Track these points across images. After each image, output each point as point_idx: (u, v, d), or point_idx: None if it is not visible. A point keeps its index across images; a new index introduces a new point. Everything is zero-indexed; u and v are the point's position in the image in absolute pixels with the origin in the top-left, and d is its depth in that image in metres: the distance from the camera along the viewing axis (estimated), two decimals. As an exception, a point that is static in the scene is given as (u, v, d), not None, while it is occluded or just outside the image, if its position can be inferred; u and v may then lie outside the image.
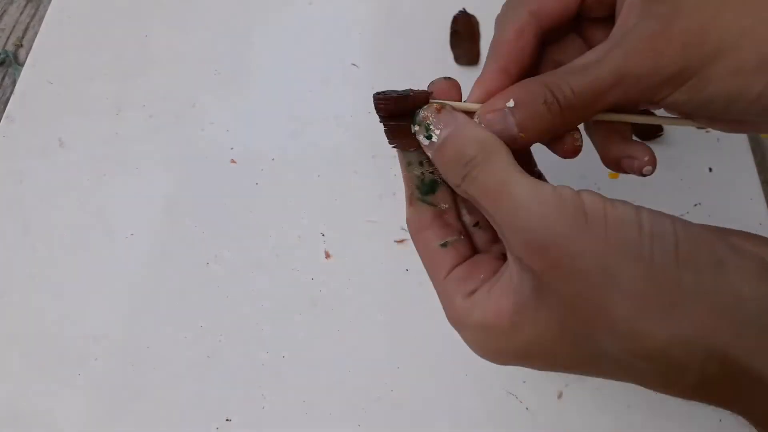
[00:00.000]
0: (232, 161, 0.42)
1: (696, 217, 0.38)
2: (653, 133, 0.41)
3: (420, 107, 0.24)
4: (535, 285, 0.20)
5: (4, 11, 0.50)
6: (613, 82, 0.22)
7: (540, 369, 0.22)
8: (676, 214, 0.39)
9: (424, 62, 0.45)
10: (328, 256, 0.39)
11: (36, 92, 0.45)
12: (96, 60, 0.46)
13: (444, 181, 0.25)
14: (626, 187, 0.40)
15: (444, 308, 0.23)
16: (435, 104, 0.23)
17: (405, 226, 0.39)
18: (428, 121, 0.23)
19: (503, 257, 0.24)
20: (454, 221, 0.25)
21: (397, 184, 0.40)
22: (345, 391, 0.35)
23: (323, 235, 0.39)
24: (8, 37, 0.49)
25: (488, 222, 0.24)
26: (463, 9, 0.46)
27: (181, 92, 0.44)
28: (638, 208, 0.20)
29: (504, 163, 0.21)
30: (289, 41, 0.46)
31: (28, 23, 0.50)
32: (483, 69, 0.25)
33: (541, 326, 0.20)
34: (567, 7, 0.24)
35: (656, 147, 0.41)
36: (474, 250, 0.25)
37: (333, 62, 0.45)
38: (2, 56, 0.48)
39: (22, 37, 0.49)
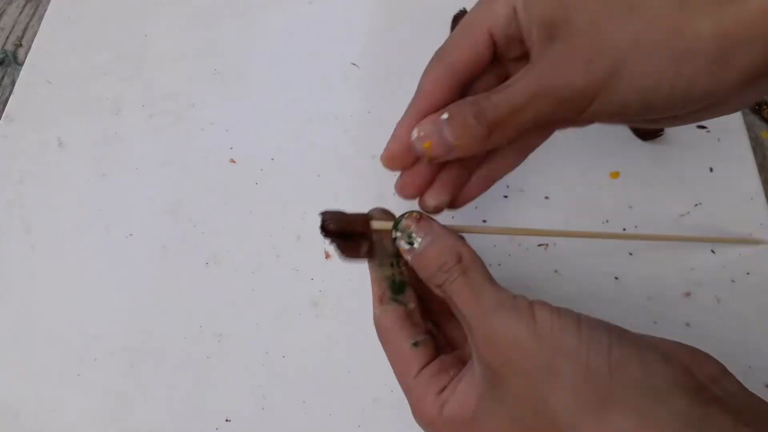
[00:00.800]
0: (232, 161, 0.42)
1: (697, 217, 0.39)
2: (653, 133, 0.41)
3: (358, 229, 0.27)
4: (493, 380, 0.22)
5: (4, 11, 0.50)
6: (528, 98, 0.24)
7: None
8: (677, 213, 0.40)
9: (424, 62, 0.45)
10: (327, 256, 0.39)
11: (35, 92, 0.45)
12: (95, 60, 0.46)
13: (411, 283, 0.28)
14: (626, 188, 0.40)
15: (413, 406, 0.25)
16: (414, 213, 0.26)
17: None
18: (410, 229, 0.26)
19: (461, 360, 0.26)
20: (420, 320, 0.27)
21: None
22: (345, 392, 0.35)
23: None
24: (7, 37, 0.49)
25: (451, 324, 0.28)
26: (463, 8, 0.46)
27: (181, 92, 0.44)
28: (579, 318, 0.23)
29: (478, 272, 0.25)
30: (288, 41, 0.46)
31: (28, 23, 0.50)
32: (402, 116, 0.27)
33: (498, 417, 0.23)
34: (480, 55, 0.26)
35: (656, 147, 0.41)
36: (437, 350, 0.27)
37: (333, 62, 0.45)
38: (1, 56, 0.48)
39: (22, 37, 0.49)
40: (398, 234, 0.26)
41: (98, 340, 0.37)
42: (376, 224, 0.27)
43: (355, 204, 0.40)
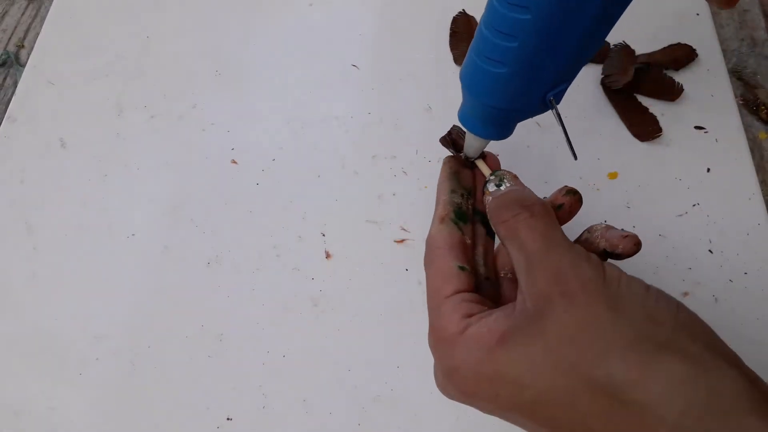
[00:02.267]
0: (233, 162, 0.42)
1: (694, 218, 0.39)
2: (651, 133, 0.41)
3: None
4: (540, 309, 0.22)
5: (6, 12, 0.50)
6: None
7: (494, 405, 0.23)
8: (675, 214, 0.40)
9: (424, 63, 0.45)
10: (328, 256, 0.39)
11: (37, 93, 0.45)
12: (97, 61, 0.46)
13: (471, 218, 0.29)
14: (624, 188, 0.40)
15: (433, 324, 0.25)
16: (513, 174, 0.29)
17: (405, 226, 0.39)
18: (506, 177, 0.28)
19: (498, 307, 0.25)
20: (472, 257, 0.28)
21: (397, 184, 0.41)
22: (345, 391, 0.35)
23: (323, 235, 0.39)
24: (10, 38, 0.49)
25: (496, 280, 0.28)
26: (463, 10, 0.47)
27: (182, 93, 0.45)
28: (647, 284, 0.23)
29: (555, 221, 0.25)
30: (289, 42, 0.47)
31: (30, 24, 0.50)
32: None
33: (530, 348, 0.22)
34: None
35: (655, 147, 0.41)
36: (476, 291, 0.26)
37: (333, 63, 0.45)
38: (4, 57, 0.48)
39: (24, 38, 0.49)
40: (492, 177, 0.28)
41: (100, 339, 0.37)
42: (479, 164, 0.30)
43: (355, 204, 0.40)
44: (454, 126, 0.32)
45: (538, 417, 0.22)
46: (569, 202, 0.28)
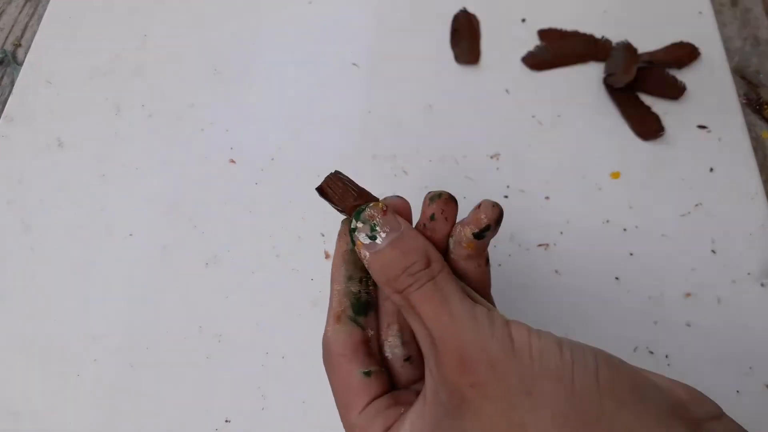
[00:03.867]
0: (232, 161, 0.42)
1: (697, 217, 0.38)
2: (654, 132, 0.41)
3: (344, 204, 0.24)
4: (458, 406, 0.20)
5: (3, 10, 0.50)
6: None
7: None
8: (677, 214, 0.39)
9: (425, 61, 0.45)
10: (328, 256, 0.39)
11: (35, 92, 0.45)
12: (95, 60, 0.46)
13: (374, 303, 0.25)
14: (626, 188, 0.40)
15: None
16: (381, 204, 0.23)
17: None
18: (375, 221, 0.23)
19: (417, 393, 0.23)
20: (377, 351, 0.24)
21: (397, 184, 0.40)
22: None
23: (323, 236, 0.39)
24: (7, 37, 0.49)
25: (419, 356, 0.24)
26: (464, 8, 0.46)
27: (181, 92, 0.44)
28: (560, 339, 0.20)
29: (448, 278, 0.22)
30: (288, 41, 0.46)
31: (27, 22, 0.50)
32: None
33: None
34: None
35: (657, 147, 0.41)
36: (390, 386, 0.24)
37: (333, 62, 0.45)
38: (1, 56, 0.48)
39: (21, 37, 0.49)
40: (359, 225, 0.23)
41: (98, 340, 0.37)
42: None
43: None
44: (331, 173, 0.26)
45: None
46: (438, 208, 0.24)
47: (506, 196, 0.40)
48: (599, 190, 0.40)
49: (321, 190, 0.25)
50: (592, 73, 0.44)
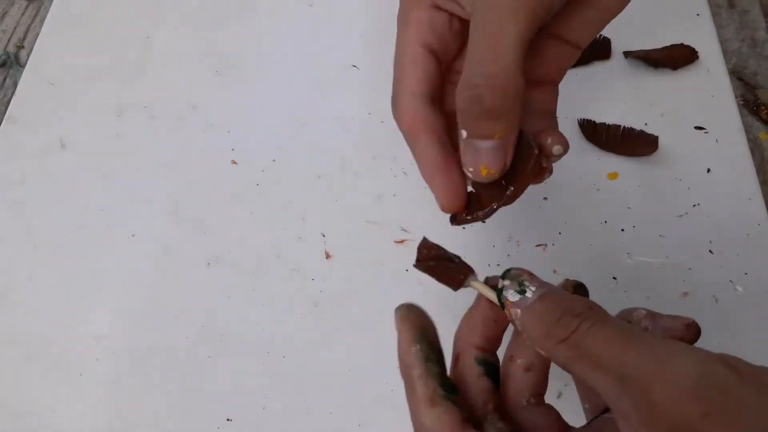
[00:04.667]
0: (233, 162, 0.42)
1: (695, 218, 0.39)
2: (648, 150, 0.41)
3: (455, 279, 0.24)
4: None
5: (6, 12, 0.50)
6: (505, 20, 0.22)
7: None
8: (675, 214, 0.40)
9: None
10: (328, 256, 0.39)
11: (37, 93, 0.45)
12: (97, 61, 0.46)
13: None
14: (624, 189, 0.40)
15: None
16: (526, 269, 0.22)
17: (406, 226, 0.39)
18: (523, 278, 0.22)
19: None
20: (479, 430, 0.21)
21: (397, 185, 0.40)
22: (346, 391, 0.35)
23: (324, 236, 0.39)
24: (9, 39, 0.49)
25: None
26: (463, 10, 0.46)
27: (182, 93, 0.45)
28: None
29: (618, 321, 0.19)
30: (289, 43, 0.47)
31: (30, 24, 0.50)
32: (421, 167, 0.25)
33: None
34: (430, 65, 0.26)
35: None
36: None
37: (334, 63, 0.45)
38: (3, 57, 0.48)
39: (24, 39, 0.49)
40: (506, 283, 0.22)
41: (100, 340, 0.37)
42: (476, 285, 0.24)
43: (355, 204, 0.40)
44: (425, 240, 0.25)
45: None
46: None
47: (505, 197, 0.40)
48: (597, 191, 0.40)
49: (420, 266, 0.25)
50: (590, 73, 0.44)
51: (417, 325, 0.23)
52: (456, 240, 0.39)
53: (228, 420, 0.35)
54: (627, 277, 0.37)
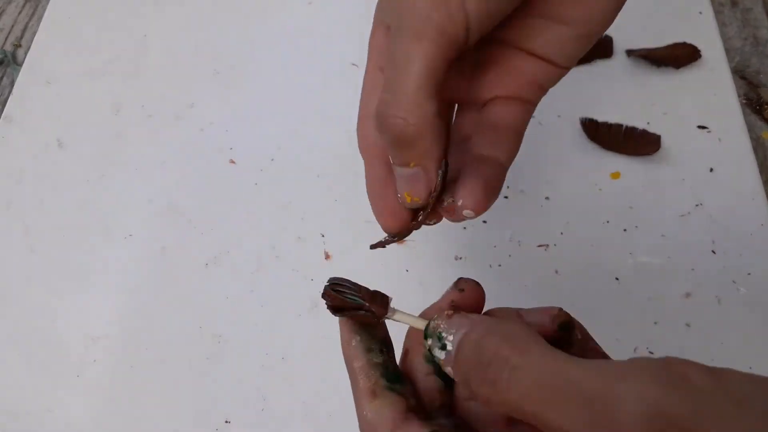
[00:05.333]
0: (232, 161, 0.42)
1: (697, 218, 0.38)
2: (651, 149, 0.40)
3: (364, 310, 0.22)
4: None
5: (3, 11, 0.50)
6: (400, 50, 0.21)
7: None
8: (678, 214, 0.39)
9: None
10: (328, 256, 0.38)
11: (35, 92, 0.45)
12: (95, 60, 0.46)
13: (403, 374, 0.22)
14: (627, 188, 0.40)
15: None
16: (447, 311, 0.21)
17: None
18: (439, 330, 0.20)
19: None
20: (426, 419, 0.20)
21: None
22: (345, 393, 0.35)
23: (323, 236, 0.39)
24: (7, 37, 0.49)
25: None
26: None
27: (180, 92, 0.44)
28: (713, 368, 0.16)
29: (545, 348, 0.17)
30: (288, 41, 0.46)
31: (27, 23, 0.50)
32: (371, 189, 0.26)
33: None
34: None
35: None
36: None
37: (333, 62, 0.45)
38: (0, 56, 0.48)
39: (21, 37, 0.49)
40: (429, 342, 0.20)
41: (97, 341, 0.37)
42: (400, 318, 0.22)
43: (355, 204, 0.40)
44: (331, 281, 0.23)
45: None
46: (470, 297, 0.22)
47: (506, 197, 0.40)
48: (599, 191, 0.40)
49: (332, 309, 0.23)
50: (592, 72, 0.44)
51: (357, 320, 0.23)
52: (456, 241, 0.39)
53: (226, 422, 0.34)
54: (629, 277, 0.37)
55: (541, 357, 0.17)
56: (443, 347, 0.19)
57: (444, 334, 0.20)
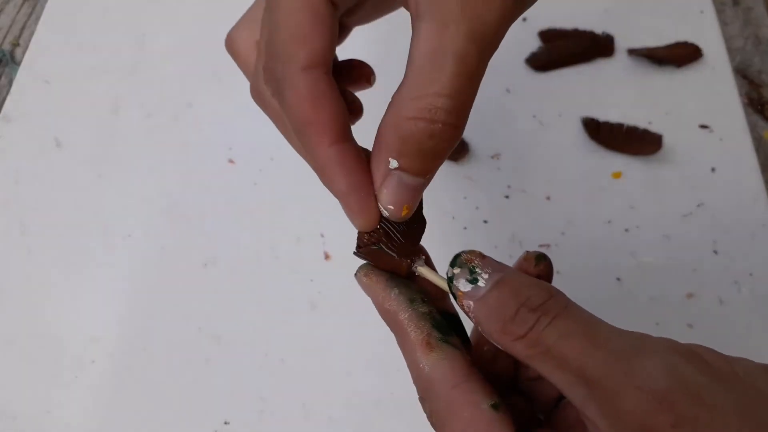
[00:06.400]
0: (231, 161, 0.42)
1: (699, 218, 0.38)
2: (652, 148, 0.40)
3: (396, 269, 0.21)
4: None
5: (1, 10, 0.50)
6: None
7: None
8: (679, 214, 0.39)
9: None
10: (327, 257, 0.38)
11: (33, 92, 0.45)
12: (93, 59, 0.46)
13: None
14: (628, 188, 0.39)
15: None
16: (476, 251, 0.20)
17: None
18: (473, 264, 0.19)
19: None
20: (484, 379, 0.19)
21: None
22: (344, 394, 0.35)
23: (323, 236, 0.39)
24: (5, 36, 0.49)
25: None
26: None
27: (179, 92, 0.44)
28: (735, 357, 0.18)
29: (579, 307, 0.18)
30: (288, 40, 0.46)
31: (25, 22, 0.49)
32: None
33: None
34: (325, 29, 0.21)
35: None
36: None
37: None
38: (-1, 55, 0.47)
39: (19, 36, 0.49)
40: (456, 271, 0.19)
41: (95, 342, 0.36)
42: (423, 272, 0.21)
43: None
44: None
45: None
46: (544, 270, 0.21)
47: (507, 197, 0.39)
48: (601, 191, 0.40)
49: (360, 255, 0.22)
50: (593, 72, 0.43)
51: (385, 274, 0.21)
52: (457, 241, 0.38)
53: (225, 423, 0.34)
54: (631, 277, 0.37)
55: (579, 309, 0.18)
56: (473, 281, 0.19)
57: (478, 270, 0.19)
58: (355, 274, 0.22)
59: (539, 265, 0.21)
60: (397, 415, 0.34)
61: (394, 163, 0.19)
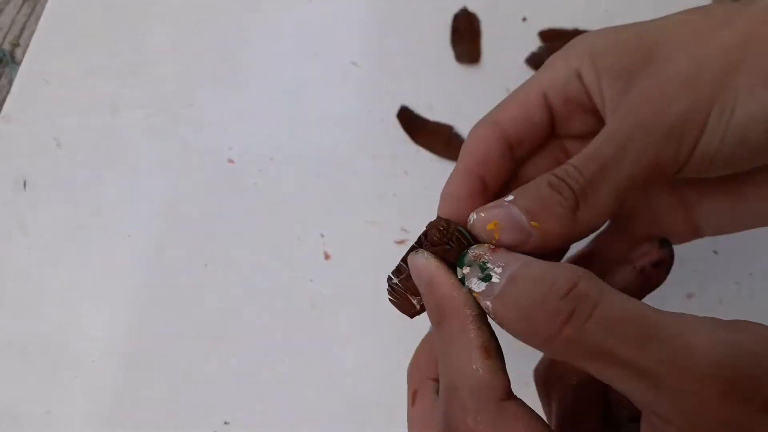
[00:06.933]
0: (231, 161, 0.42)
1: (699, 218, 0.38)
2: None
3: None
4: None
5: (1, 10, 0.50)
6: (621, 144, 0.19)
7: None
8: (680, 214, 0.39)
9: (425, 61, 0.44)
10: (327, 257, 0.38)
11: (33, 92, 0.45)
12: (93, 59, 0.46)
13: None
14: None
15: None
16: (487, 244, 0.18)
17: (406, 226, 0.39)
18: (483, 259, 0.18)
19: None
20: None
21: (397, 184, 0.40)
22: (344, 395, 0.35)
23: (323, 236, 0.39)
24: (5, 36, 0.49)
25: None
26: (464, 7, 0.46)
27: (179, 92, 0.44)
28: None
29: (617, 291, 0.16)
30: (288, 40, 0.46)
31: (25, 22, 0.49)
32: (447, 181, 0.22)
33: None
34: (531, 118, 0.22)
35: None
36: None
37: (333, 61, 0.45)
38: (-1, 55, 0.47)
39: (19, 36, 0.49)
40: (465, 271, 0.18)
41: (96, 341, 0.36)
42: (417, 260, 0.20)
43: (355, 204, 0.40)
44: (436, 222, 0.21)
45: None
46: (666, 256, 0.20)
47: (507, 197, 0.39)
48: (600, 191, 0.40)
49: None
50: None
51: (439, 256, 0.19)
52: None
53: (225, 423, 0.34)
54: (630, 278, 0.37)
55: (614, 292, 0.16)
56: (486, 278, 0.17)
57: (489, 265, 0.17)
58: (413, 255, 0.21)
59: (663, 249, 0.20)
60: (398, 416, 0.34)
61: (510, 197, 0.19)
